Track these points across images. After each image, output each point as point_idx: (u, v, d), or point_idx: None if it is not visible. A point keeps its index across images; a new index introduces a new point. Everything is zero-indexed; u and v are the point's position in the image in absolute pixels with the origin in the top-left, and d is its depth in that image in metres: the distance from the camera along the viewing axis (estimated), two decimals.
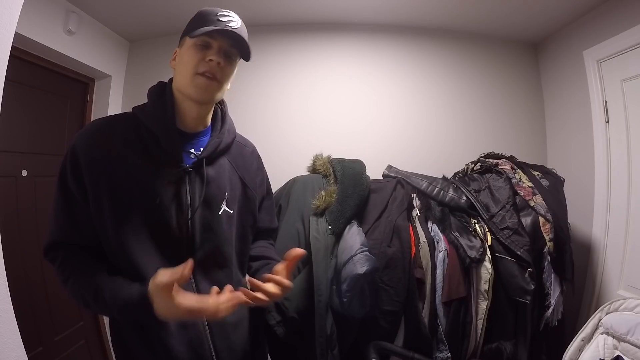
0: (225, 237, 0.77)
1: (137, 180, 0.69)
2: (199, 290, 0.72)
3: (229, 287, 0.66)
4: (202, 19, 0.72)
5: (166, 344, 0.69)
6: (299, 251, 0.71)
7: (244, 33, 0.74)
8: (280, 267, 0.72)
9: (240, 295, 0.64)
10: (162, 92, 0.77)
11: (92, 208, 0.68)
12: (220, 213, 0.76)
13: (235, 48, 0.74)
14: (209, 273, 0.75)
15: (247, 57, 0.76)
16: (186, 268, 0.57)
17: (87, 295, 0.66)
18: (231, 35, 0.72)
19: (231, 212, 0.79)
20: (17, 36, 0.90)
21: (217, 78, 0.72)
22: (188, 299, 0.59)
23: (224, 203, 0.77)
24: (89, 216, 0.69)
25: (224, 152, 0.81)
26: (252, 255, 0.91)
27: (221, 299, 0.62)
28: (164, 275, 0.58)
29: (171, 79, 0.79)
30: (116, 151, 0.69)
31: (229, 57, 0.74)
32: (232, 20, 0.72)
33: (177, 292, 0.58)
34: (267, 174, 0.97)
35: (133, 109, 0.76)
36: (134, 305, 0.61)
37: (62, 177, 0.70)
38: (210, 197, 0.75)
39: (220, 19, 0.71)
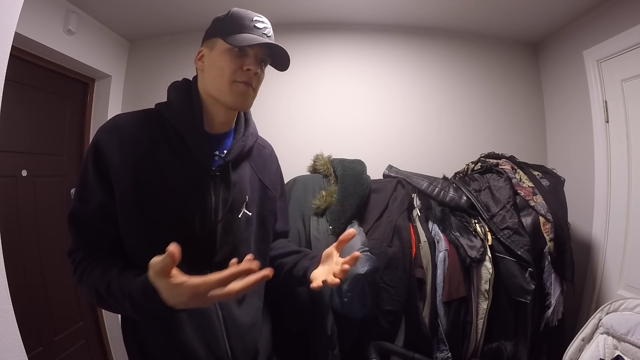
0: (243, 239, 0.77)
1: (164, 180, 0.68)
2: None
3: (234, 261, 0.58)
4: (237, 22, 0.70)
5: (182, 343, 0.69)
6: (352, 232, 0.67)
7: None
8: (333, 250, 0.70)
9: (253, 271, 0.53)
10: (188, 92, 0.75)
11: (118, 203, 0.67)
12: (240, 216, 0.76)
13: (269, 57, 0.74)
14: None
15: (284, 68, 0.75)
16: (176, 251, 0.50)
17: (101, 289, 0.64)
18: (272, 48, 0.71)
19: (250, 214, 0.78)
20: (17, 36, 0.90)
21: (252, 86, 0.72)
22: (191, 278, 0.53)
23: (244, 206, 0.77)
24: (111, 218, 0.68)
25: (247, 155, 0.81)
26: (282, 253, 0.89)
27: (227, 273, 0.53)
28: (155, 260, 0.53)
29: (195, 77, 0.77)
30: (144, 148, 0.68)
31: (263, 64, 0.74)
32: (266, 27, 0.72)
33: (178, 274, 0.53)
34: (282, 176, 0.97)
35: (156, 106, 0.75)
36: (140, 295, 0.58)
37: (83, 177, 0.68)
38: (233, 201, 0.75)
39: (257, 25, 0.70)
